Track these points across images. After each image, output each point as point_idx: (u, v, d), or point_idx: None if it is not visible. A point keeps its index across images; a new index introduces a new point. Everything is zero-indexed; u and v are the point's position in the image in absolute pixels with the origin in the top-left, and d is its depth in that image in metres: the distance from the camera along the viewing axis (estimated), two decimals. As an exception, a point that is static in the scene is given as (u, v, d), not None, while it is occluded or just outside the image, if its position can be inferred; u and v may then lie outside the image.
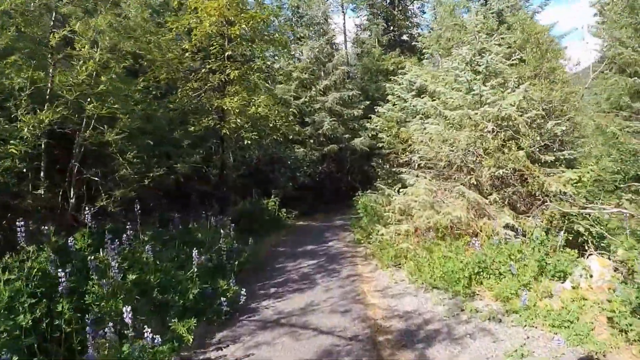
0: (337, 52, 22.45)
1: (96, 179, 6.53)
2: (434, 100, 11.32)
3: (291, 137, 18.61)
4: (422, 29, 28.62)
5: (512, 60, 9.67)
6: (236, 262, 7.43)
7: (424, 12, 29.11)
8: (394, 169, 12.80)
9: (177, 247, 7.16)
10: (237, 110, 10.12)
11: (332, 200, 20.80)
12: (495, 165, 7.88)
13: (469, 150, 8.86)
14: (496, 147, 7.81)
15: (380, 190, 10.08)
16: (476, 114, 8.28)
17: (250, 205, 13.43)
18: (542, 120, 8.74)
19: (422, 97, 12.40)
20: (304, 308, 6.25)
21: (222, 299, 5.79)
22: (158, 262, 6.14)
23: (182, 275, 5.91)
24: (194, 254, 5.95)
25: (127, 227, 6.31)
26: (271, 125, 11.77)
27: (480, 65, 9.21)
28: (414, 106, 12.55)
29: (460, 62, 9.55)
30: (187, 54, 10.97)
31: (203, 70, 10.73)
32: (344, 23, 32.54)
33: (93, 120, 6.52)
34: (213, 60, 10.88)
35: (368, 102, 21.26)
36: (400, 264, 8.30)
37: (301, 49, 21.11)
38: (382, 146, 13.85)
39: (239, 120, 10.25)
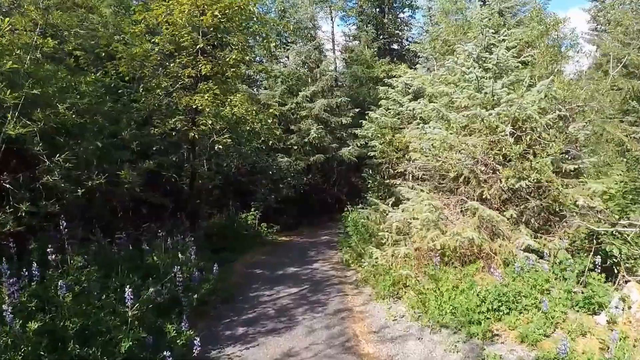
0: (325, 58, 21.14)
1: (7, 185, 4.89)
2: (433, 103, 9.99)
3: (273, 145, 17.14)
4: (412, 37, 27.63)
5: (524, 57, 8.38)
6: (195, 296, 5.80)
7: (414, 17, 28.13)
8: (386, 181, 11.39)
9: (120, 275, 5.53)
10: (209, 111, 8.57)
11: (317, 214, 19.26)
12: (515, 175, 6.46)
13: (480, 159, 7.46)
14: (518, 153, 6.40)
15: (373, 205, 8.60)
16: (490, 114, 6.89)
17: (225, 220, 11.83)
18: (562, 123, 7.42)
19: (420, 101, 11.07)
20: (278, 361, 4.68)
21: (166, 352, 4.17)
22: (92, 299, 4.55)
23: (113, 320, 4.29)
24: (126, 291, 4.31)
25: (50, 250, 4.71)
26: (248, 128, 10.22)
27: (489, 62, 7.87)
28: (411, 110, 11.17)
29: (467, 59, 8.20)
30: (156, 49, 9.45)
31: (172, 65, 9.17)
32: (332, 31, 31.41)
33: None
34: (185, 54, 9.35)
35: (357, 110, 19.93)
36: (399, 295, 6.79)
37: (287, 54, 19.71)
38: (374, 155, 12.42)
39: (210, 122, 8.69)
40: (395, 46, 29.01)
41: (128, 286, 4.31)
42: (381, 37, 27.46)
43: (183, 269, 5.91)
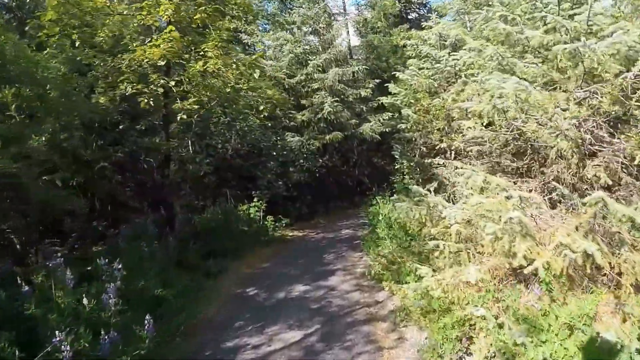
0: (336, 22, 17.90)
1: None
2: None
3: (282, 121, 14.25)
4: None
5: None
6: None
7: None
8: (424, 160, 8.43)
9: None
10: (165, 64, 5.74)
11: (335, 199, 16.46)
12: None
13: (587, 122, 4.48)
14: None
15: (416, 195, 5.65)
16: (594, 50, 3.82)
17: (218, 214, 9.11)
18: None
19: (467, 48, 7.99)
20: None
21: None
22: None
23: None
24: None
25: None
26: (234, 93, 7.34)
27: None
28: (452, 65, 8.13)
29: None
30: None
31: (122, 8, 6.32)
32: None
33: None
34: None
35: (377, 81, 16.81)
36: (469, 348, 3.93)
37: (292, 18, 16.56)
38: (405, 128, 9.40)
39: (173, 85, 5.86)
40: (413, 15, 25.33)
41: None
42: (398, 3, 23.86)
43: (80, 332, 3.12)
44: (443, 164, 8.07)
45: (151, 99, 5.80)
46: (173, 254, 7.08)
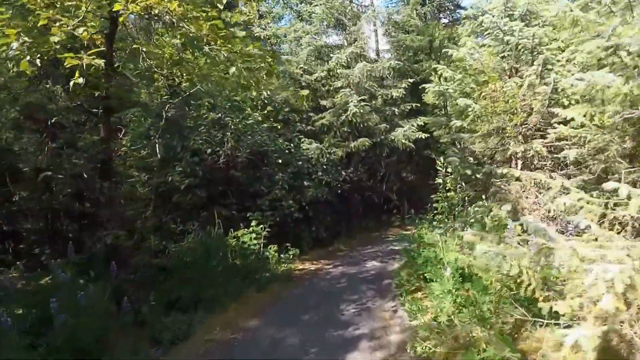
0: (363, 14, 15.38)
1: None
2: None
3: (296, 122, 11.71)
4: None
5: None
6: None
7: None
8: (496, 168, 5.67)
9: None
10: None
11: (360, 218, 13.73)
12: None
13: None
14: None
15: (535, 234, 2.89)
16: None
17: (199, 243, 6.54)
18: None
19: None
20: None
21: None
22: None
23: None
24: None
25: None
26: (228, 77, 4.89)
27: None
28: (530, 37, 5.43)
29: None
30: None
31: None
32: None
33: None
34: None
35: (411, 81, 14.15)
36: None
37: (312, 8, 14.12)
38: (461, 127, 6.64)
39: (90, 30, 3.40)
40: (444, 19, 22.48)
41: None
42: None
43: None
44: (518, 176, 5.41)
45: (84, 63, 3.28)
46: (109, 306, 4.58)
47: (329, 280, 7.41)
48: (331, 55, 13.00)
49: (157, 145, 6.22)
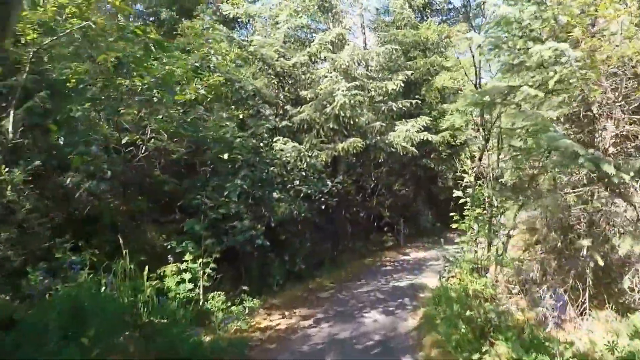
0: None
1: None
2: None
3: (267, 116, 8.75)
4: None
5: None
6: None
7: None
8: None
9: None
10: None
11: (347, 240, 10.75)
12: None
13: None
14: None
15: None
16: None
17: (63, 299, 3.45)
18: None
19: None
20: None
21: None
22: None
23: None
24: None
25: None
26: None
27: None
28: None
29: None
30: None
31: None
32: None
33: None
34: None
35: (410, 73, 11.53)
36: None
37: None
38: (527, 95, 3.81)
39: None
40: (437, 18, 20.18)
41: None
42: None
43: None
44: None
45: None
46: None
47: (307, 354, 4.35)
48: (314, 36, 10.23)
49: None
